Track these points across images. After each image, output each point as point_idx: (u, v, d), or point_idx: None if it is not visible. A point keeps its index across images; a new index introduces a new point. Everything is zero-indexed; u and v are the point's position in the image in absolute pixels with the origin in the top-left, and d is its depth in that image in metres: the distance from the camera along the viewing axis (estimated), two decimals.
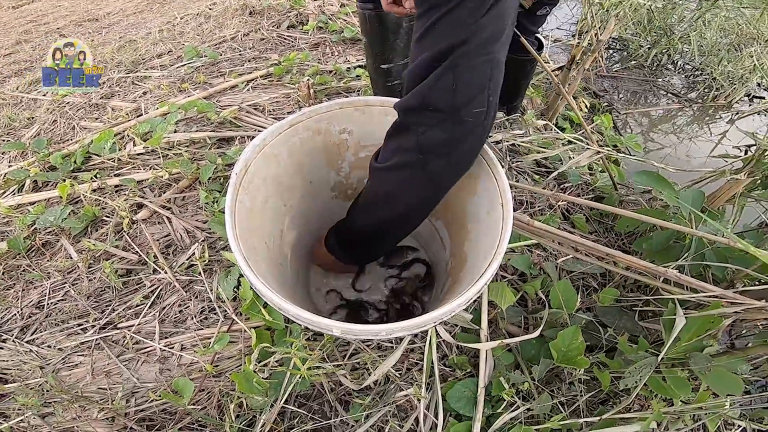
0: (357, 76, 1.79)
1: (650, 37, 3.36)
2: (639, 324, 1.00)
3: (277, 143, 0.85)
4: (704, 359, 0.80)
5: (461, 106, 0.58)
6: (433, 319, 0.62)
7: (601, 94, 2.75)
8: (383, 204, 0.75)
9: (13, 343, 1.09)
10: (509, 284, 1.10)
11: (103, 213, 1.31)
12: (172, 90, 1.83)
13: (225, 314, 1.05)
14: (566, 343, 0.88)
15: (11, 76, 2.73)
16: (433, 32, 0.57)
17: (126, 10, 4.09)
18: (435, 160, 0.63)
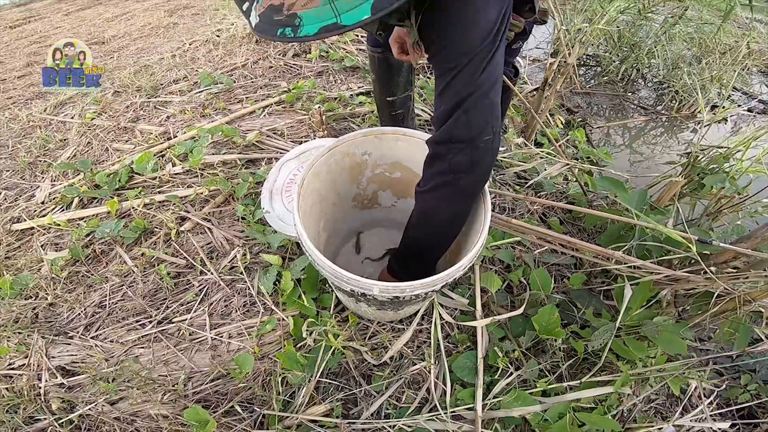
0: (360, 103, 2.02)
1: (620, 52, 3.64)
2: (604, 302, 1.25)
3: (320, 164, 1.10)
4: (654, 326, 1.04)
5: (475, 137, 0.82)
6: (443, 277, 0.85)
7: (575, 110, 3.00)
8: (430, 219, 0.97)
9: (79, 339, 1.28)
10: (497, 273, 1.33)
11: (151, 225, 1.52)
12: (195, 115, 2.06)
13: (265, 306, 1.26)
14: (545, 317, 1.10)
15: (33, 98, 2.91)
16: (450, 89, 0.82)
17: (131, 33, 4.28)
18: (464, 177, 0.87)
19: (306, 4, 0.62)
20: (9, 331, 1.29)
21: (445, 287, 0.95)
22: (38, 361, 1.23)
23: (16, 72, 3.63)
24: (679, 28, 3.58)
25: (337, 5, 0.61)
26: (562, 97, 3.10)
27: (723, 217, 1.52)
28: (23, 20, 6.80)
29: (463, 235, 1.10)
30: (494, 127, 0.84)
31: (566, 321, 1.23)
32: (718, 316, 1.07)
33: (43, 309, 1.37)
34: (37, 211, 1.73)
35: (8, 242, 1.61)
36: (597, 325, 1.11)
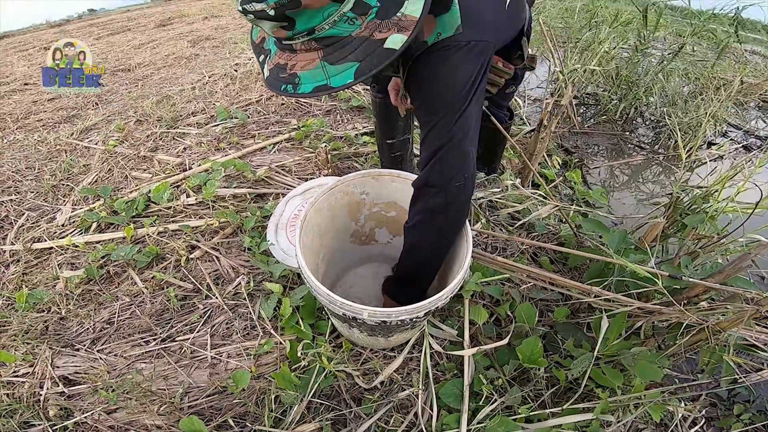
0: (364, 143, 2.15)
1: (619, 91, 3.69)
2: (586, 335, 1.32)
3: (322, 201, 1.22)
4: (631, 355, 1.11)
5: (447, 183, 0.94)
6: (424, 305, 0.94)
7: (573, 150, 3.08)
8: (416, 251, 1.10)
9: (85, 351, 1.36)
10: (485, 307, 1.41)
11: (163, 252, 1.62)
12: (210, 148, 2.21)
13: (264, 329, 1.35)
14: (529, 348, 1.17)
15: (61, 122, 3.08)
16: (427, 139, 0.95)
17: (156, 62, 4.52)
18: (438, 217, 1.00)
19: (305, 66, 0.76)
20: (19, 340, 1.38)
21: (429, 315, 1.03)
22: (43, 370, 1.30)
23: (47, 95, 3.83)
24: (676, 64, 3.67)
25: (328, 69, 0.74)
26: (560, 137, 3.19)
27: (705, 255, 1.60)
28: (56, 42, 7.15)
29: (448, 269, 1.20)
30: (465, 174, 0.95)
31: (550, 351, 1.30)
32: (693, 345, 1.15)
33: (54, 322, 1.46)
34: (57, 232, 1.84)
35: (27, 260, 1.72)
36: (577, 355, 1.18)
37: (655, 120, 3.61)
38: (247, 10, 0.68)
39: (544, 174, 2.49)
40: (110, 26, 8.44)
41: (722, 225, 1.56)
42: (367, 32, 0.74)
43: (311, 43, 0.74)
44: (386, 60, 0.73)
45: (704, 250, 1.55)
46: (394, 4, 0.73)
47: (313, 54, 0.76)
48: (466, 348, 1.27)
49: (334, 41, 0.74)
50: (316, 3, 0.67)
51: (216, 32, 5.98)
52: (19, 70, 5.07)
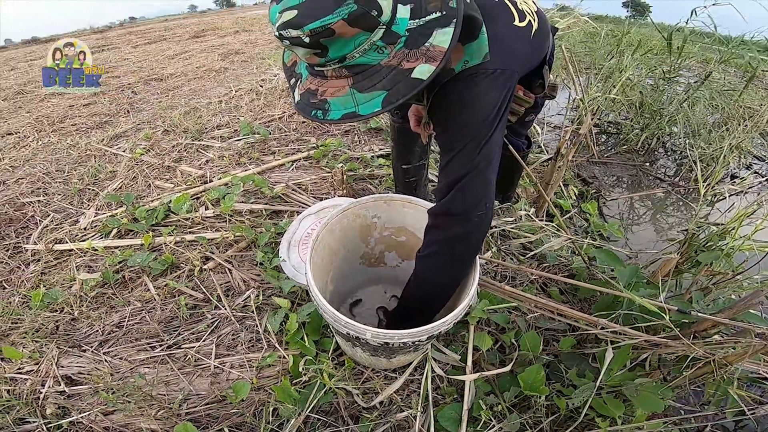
0: (379, 165, 2.19)
1: (642, 119, 3.62)
2: (591, 365, 1.30)
3: (335, 222, 1.24)
4: (634, 386, 1.10)
5: (469, 211, 0.94)
6: (427, 330, 0.94)
7: (590, 180, 3.01)
8: (426, 282, 1.08)
9: (91, 353, 1.40)
10: (490, 334, 1.40)
11: (178, 261, 1.67)
12: (231, 162, 2.28)
13: (269, 343, 1.36)
14: (532, 375, 1.17)
15: (94, 127, 3.22)
16: (449, 167, 0.94)
17: (187, 74, 4.70)
18: (457, 246, 0.99)
19: (334, 93, 0.78)
20: (28, 338, 1.42)
21: (431, 339, 1.05)
22: (47, 369, 1.34)
23: (83, 100, 4.00)
24: (702, 92, 3.56)
25: (357, 97, 0.76)
26: (578, 166, 3.16)
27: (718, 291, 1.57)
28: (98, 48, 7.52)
29: (456, 295, 1.22)
30: (487, 203, 0.95)
31: (553, 380, 1.28)
32: (699, 378, 1.13)
33: (65, 323, 1.50)
34: (78, 235, 1.91)
35: (47, 260, 1.79)
36: (579, 384, 1.17)
37: (678, 151, 3.53)
38: (284, 36, 0.71)
39: (560, 204, 2.46)
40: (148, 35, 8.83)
41: (738, 262, 1.55)
42: (395, 61, 0.75)
43: (342, 70, 0.76)
44: (414, 90, 0.75)
45: (717, 287, 1.54)
46: (423, 34, 0.75)
47: (343, 81, 0.78)
48: (468, 373, 1.27)
49: (364, 69, 0.76)
50: (348, 32, 0.70)
51: (246, 46, 6.20)
52: None
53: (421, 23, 0.75)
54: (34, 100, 4.16)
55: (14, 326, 1.49)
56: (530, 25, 1.04)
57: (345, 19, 0.67)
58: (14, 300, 1.60)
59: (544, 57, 1.19)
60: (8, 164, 2.72)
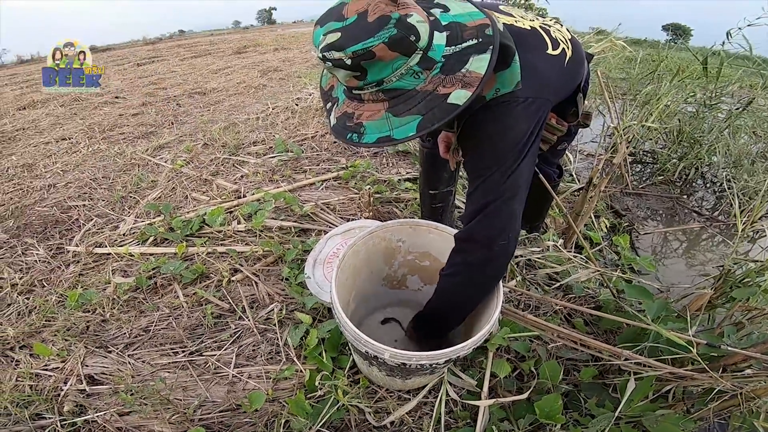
0: (406, 189, 2.22)
1: (679, 149, 3.50)
2: (612, 395, 1.28)
3: (361, 244, 1.28)
4: (655, 417, 1.09)
5: (491, 240, 0.95)
6: (446, 353, 0.95)
7: (623, 213, 2.93)
8: (446, 298, 1.13)
9: (116, 354, 1.45)
10: (509, 361, 1.39)
11: (208, 271, 1.74)
12: (264, 179, 2.36)
13: (287, 356, 1.39)
14: (549, 404, 1.15)
15: (140, 137, 3.40)
16: (476, 193, 0.96)
17: (228, 89, 4.93)
18: (476, 272, 1.01)
19: (370, 117, 0.81)
20: (59, 336, 1.50)
21: (449, 363, 1.06)
22: (72, 367, 1.40)
23: (132, 110, 4.23)
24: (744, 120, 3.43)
25: (392, 121, 0.79)
26: (611, 197, 3.08)
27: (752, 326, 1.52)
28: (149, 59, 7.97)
29: (476, 320, 1.21)
30: (510, 233, 0.96)
31: (570, 410, 1.27)
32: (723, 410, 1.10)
33: (96, 323, 1.58)
34: (117, 240, 2.02)
35: (86, 262, 1.89)
36: (598, 414, 1.15)
37: (718, 182, 3.38)
38: (327, 58, 0.75)
39: (589, 237, 2.41)
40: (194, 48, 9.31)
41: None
42: (431, 86, 0.78)
43: (379, 94, 0.79)
44: (449, 115, 0.76)
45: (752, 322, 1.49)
46: (459, 60, 0.77)
47: (380, 105, 0.80)
48: (483, 398, 1.27)
49: (400, 93, 0.78)
50: (387, 56, 0.72)
51: (283, 64, 6.43)
52: (114, 83, 5.66)
53: (458, 50, 0.78)
54: (88, 107, 4.44)
55: (48, 324, 1.58)
56: (564, 53, 1.05)
57: (385, 43, 0.71)
58: (51, 299, 1.69)
59: (579, 84, 1.20)
60: (60, 168, 2.91)
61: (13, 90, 5.76)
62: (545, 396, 1.19)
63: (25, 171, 2.94)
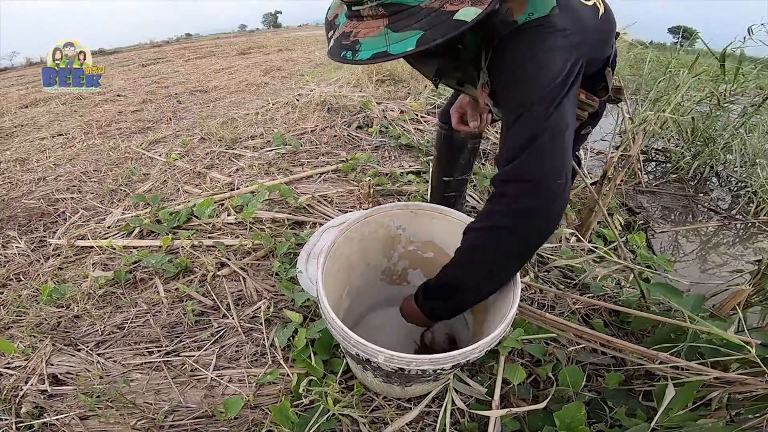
0: (408, 182, 2.07)
1: (693, 147, 3.37)
2: (641, 403, 1.10)
3: (355, 229, 1.10)
4: (698, 427, 0.91)
5: (547, 177, 0.74)
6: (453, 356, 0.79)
7: (637, 210, 2.79)
8: (474, 258, 0.86)
9: (86, 353, 1.30)
10: (524, 366, 1.21)
11: (193, 265, 1.58)
12: (260, 171, 2.21)
13: (273, 359, 1.23)
14: (570, 414, 0.98)
15: (137, 132, 3.28)
16: (516, 128, 0.77)
17: (229, 87, 4.83)
18: (528, 221, 0.77)
19: (368, 34, 0.73)
20: (26, 332, 1.35)
21: (456, 368, 0.89)
22: (35, 366, 1.25)
23: (132, 107, 4.13)
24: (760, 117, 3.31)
25: (390, 37, 0.71)
26: (624, 194, 2.92)
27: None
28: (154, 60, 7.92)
29: (487, 318, 1.05)
30: (567, 174, 0.77)
31: (594, 420, 1.09)
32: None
33: (68, 319, 1.43)
34: (101, 233, 1.86)
35: (66, 255, 1.74)
36: (628, 425, 0.99)
37: (733, 180, 3.27)
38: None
39: (603, 234, 2.24)
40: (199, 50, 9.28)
41: None
42: (437, 4, 0.70)
43: (379, 9, 0.71)
44: (455, 31, 0.67)
45: None
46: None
47: (379, 21, 0.73)
48: (494, 408, 1.09)
49: (402, 9, 0.71)
50: None
51: (287, 64, 6.34)
52: (117, 83, 5.59)
53: None
54: (89, 105, 4.35)
55: (18, 319, 1.43)
56: (596, 7, 0.92)
57: None
58: (24, 293, 1.54)
59: (608, 57, 1.05)
60: (52, 162, 2.78)
61: (19, 90, 5.69)
62: (566, 405, 1.02)
63: (18, 165, 2.81)
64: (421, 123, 2.95)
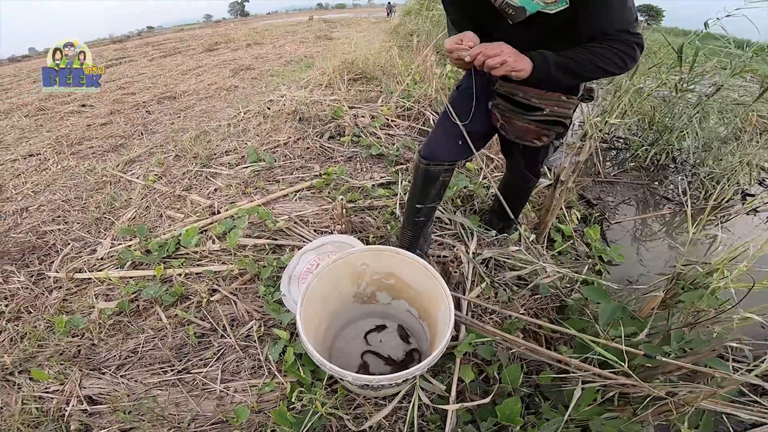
0: (378, 196, 2.36)
1: (651, 135, 3.70)
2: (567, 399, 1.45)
3: (325, 272, 1.42)
4: (600, 421, 1.26)
5: (640, 40, 1.21)
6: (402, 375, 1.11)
7: (595, 202, 3.12)
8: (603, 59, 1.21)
9: (110, 375, 1.60)
10: (477, 366, 1.56)
11: (187, 292, 1.87)
12: (238, 191, 2.48)
13: (269, 371, 1.55)
14: (509, 407, 1.32)
15: (110, 150, 3.48)
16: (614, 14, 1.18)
17: (198, 91, 4.98)
18: (635, 53, 1.22)
19: None
20: (53, 361, 1.63)
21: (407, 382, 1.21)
22: (71, 389, 1.54)
23: (100, 119, 4.29)
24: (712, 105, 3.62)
25: None
26: (583, 188, 3.26)
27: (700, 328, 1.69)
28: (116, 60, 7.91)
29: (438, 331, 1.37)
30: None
31: (532, 410, 1.45)
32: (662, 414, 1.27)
33: (86, 348, 1.71)
34: (96, 265, 2.13)
35: (68, 287, 2.01)
36: (550, 417, 1.32)
37: (688, 167, 3.59)
38: None
39: (561, 230, 2.56)
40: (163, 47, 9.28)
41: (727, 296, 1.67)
42: None
43: None
44: None
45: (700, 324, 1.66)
46: None
47: None
48: (451, 403, 1.43)
49: None
50: None
51: (256, 62, 6.47)
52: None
53: None
54: (54, 118, 4.49)
55: (40, 350, 1.71)
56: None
57: None
58: (39, 325, 1.82)
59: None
60: (30, 189, 2.98)
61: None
62: (506, 400, 1.36)
63: None
64: (391, 128, 3.23)
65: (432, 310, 1.43)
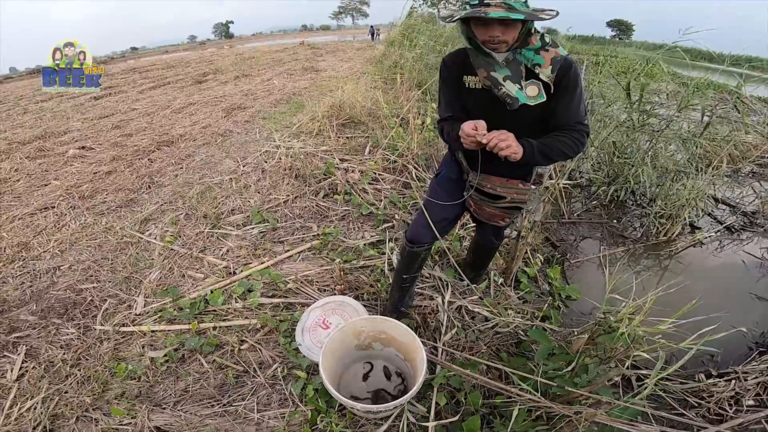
0: (370, 256, 3.07)
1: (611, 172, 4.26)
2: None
3: (336, 335, 2.11)
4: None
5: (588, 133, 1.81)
6: (394, 405, 1.84)
7: (558, 244, 3.85)
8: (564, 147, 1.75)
9: (170, 410, 2.24)
10: (450, 392, 2.24)
11: (220, 342, 2.55)
12: (249, 253, 3.19)
13: (293, 402, 2.21)
14: (472, 424, 2.00)
15: (122, 205, 4.13)
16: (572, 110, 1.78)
17: (195, 136, 5.65)
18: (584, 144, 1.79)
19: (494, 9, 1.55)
20: (121, 399, 2.27)
21: (397, 409, 1.94)
22: (143, 422, 2.16)
23: (104, 166, 4.90)
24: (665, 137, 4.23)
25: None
26: (548, 230, 3.99)
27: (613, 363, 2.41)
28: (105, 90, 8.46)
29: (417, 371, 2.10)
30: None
31: (493, 426, 2.13)
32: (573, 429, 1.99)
33: (146, 388, 2.35)
34: (136, 320, 2.79)
35: (116, 339, 2.66)
36: (500, 430, 2.05)
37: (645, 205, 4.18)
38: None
39: (526, 272, 3.31)
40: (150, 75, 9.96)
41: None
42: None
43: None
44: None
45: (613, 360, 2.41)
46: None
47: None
48: (431, 422, 2.16)
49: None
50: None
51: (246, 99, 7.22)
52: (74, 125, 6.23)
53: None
54: (57, 162, 5.05)
55: (105, 391, 2.35)
56: None
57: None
58: (98, 370, 2.46)
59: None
60: (56, 247, 3.63)
61: None
62: (470, 417, 2.08)
63: (23, 251, 3.63)
64: (379, 182, 3.98)
65: (413, 355, 2.16)
